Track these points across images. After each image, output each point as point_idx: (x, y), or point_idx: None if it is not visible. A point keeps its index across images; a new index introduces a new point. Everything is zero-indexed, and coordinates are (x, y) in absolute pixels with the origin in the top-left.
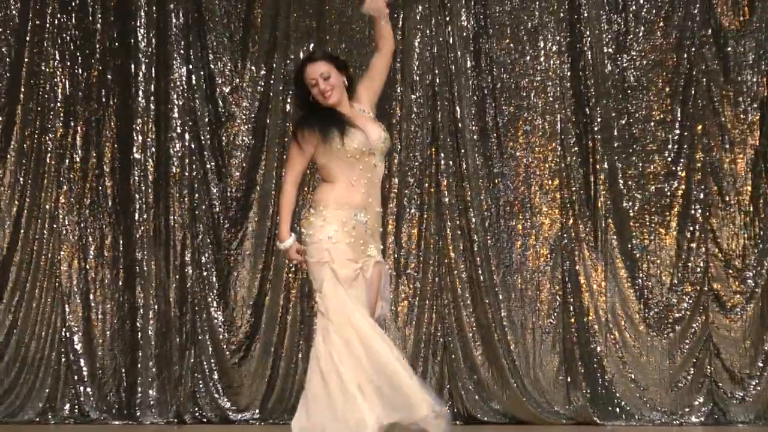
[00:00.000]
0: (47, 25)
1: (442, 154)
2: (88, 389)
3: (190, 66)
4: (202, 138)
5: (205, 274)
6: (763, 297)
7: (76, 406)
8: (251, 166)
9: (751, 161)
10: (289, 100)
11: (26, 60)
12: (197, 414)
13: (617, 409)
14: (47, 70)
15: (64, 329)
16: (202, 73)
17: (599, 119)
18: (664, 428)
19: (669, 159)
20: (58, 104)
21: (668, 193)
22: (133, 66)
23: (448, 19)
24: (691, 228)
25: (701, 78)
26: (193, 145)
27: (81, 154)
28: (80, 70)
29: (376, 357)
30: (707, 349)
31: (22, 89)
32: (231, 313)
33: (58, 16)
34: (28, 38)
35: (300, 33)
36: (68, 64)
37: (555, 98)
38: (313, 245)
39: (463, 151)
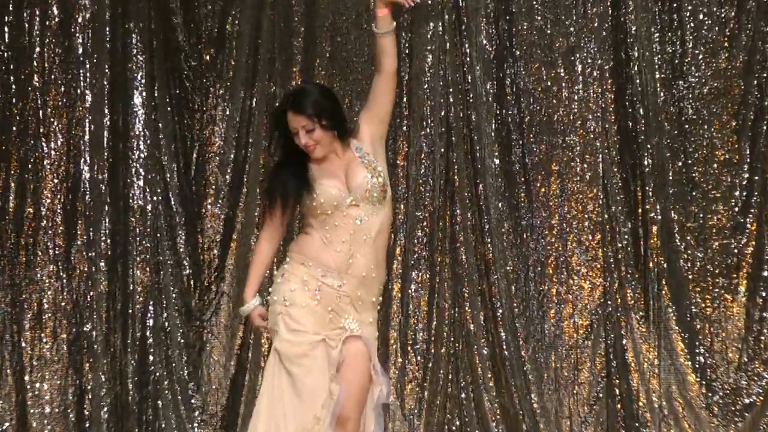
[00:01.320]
0: None
1: (458, 203)
2: None
3: (154, 96)
4: (169, 182)
5: (171, 351)
6: None
7: None
8: (227, 216)
9: None
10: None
11: None
12: None
13: None
14: None
15: None
16: (168, 104)
17: (650, 161)
18: None
19: (736, 209)
20: None
21: (735, 251)
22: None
23: (465, 38)
24: (764, 293)
25: None
26: (157, 192)
27: (13, 204)
28: (14, 100)
29: None
30: None
31: None
32: (203, 399)
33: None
34: None
35: (286, 56)
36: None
37: (596, 135)
38: (270, 307)
39: (483, 198)
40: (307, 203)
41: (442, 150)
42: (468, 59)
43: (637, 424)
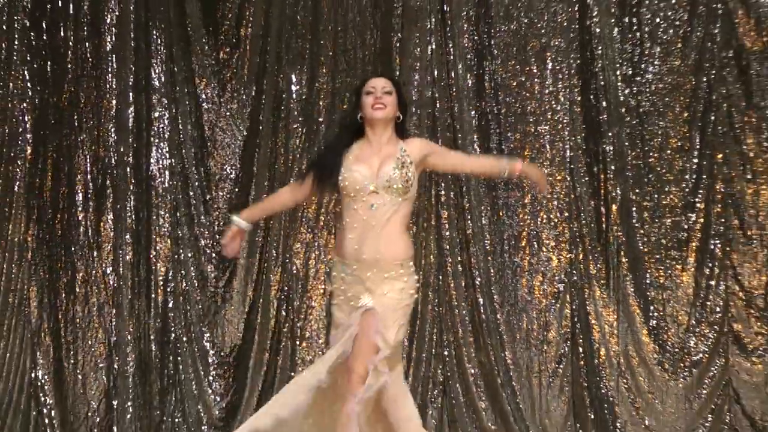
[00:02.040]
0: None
1: (442, 185)
2: None
3: (174, 90)
4: (187, 168)
5: (189, 313)
6: None
7: None
8: (239, 198)
9: None
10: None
11: None
12: None
13: None
14: (16, 92)
15: (33, 371)
16: (186, 99)
17: (612, 147)
18: None
19: (687, 190)
20: (27, 131)
21: (685, 227)
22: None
23: (449, 39)
24: (710, 264)
25: (722, 103)
26: (176, 176)
27: (50, 184)
28: (51, 93)
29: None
30: (726, 394)
31: None
32: (217, 355)
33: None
34: None
35: (292, 55)
36: (38, 88)
37: (564, 124)
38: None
39: (464, 180)
40: (339, 186)
41: (427, 136)
42: (451, 57)
43: (597, 378)
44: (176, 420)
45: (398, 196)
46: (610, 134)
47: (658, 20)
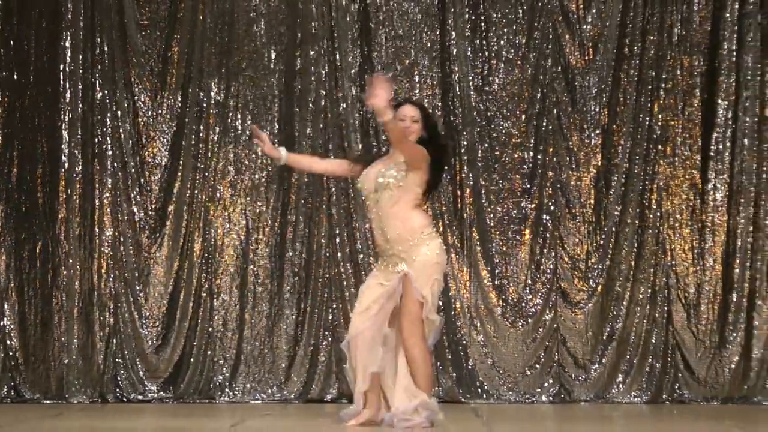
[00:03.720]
0: None
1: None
2: (24, 374)
3: (116, 95)
4: (126, 157)
5: (126, 274)
6: (602, 294)
7: (13, 389)
8: (168, 182)
9: (593, 179)
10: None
11: None
12: (119, 394)
13: (479, 390)
14: None
15: (2, 321)
16: (126, 101)
17: (466, 143)
18: (519, 405)
19: (525, 177)
20: None
21: (524, 207)
22: (64, 92)
23: (338, 57)
24: (543, 236)
25: (552, 108)
26: (117, 163)
27: (16, 171)
28: (15, 96)
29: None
30: (555, 338)
31: None
32: (149, 308)
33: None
34: None
35: (211, 68)
36: (7, 93)
37: None
38: None
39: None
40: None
41: (321, 141)
42: (338, 72)
43: (453, 327)
44: (117, 361)
45: (390, 190)
46: (465, 132)
47: (502, 42)
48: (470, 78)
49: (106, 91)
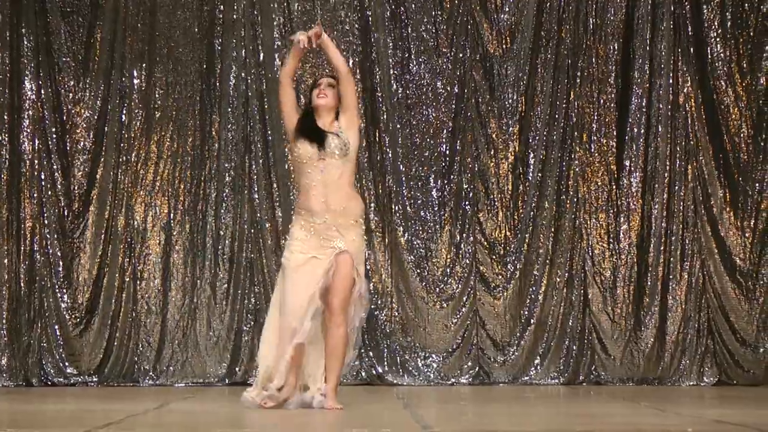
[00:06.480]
0: None
1: (260, 163)
2: None
3: (40, 81)
4: (50, 143)
5: (51, 259)
6: (520, 279)
7: None
8: (92, 167)
9: (511, 166)
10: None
11: None
12: (43, 378)
13: (400, 371)
14: None
15: None
16: (50, 88)
17: (387, 130)
18: (440, 387)
19: (445, 164)
20: None
21: (444, 192)
22: None
23: (259, 44)
24: (462, 221)
25: (471, 96)
26: (41, 149)
27: None
28: None
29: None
30: (475, 321)
31: None
32: (74, 292)
33: None
34: None
35: (134, 55)
36: None
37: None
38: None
39: (273, 162)
40: (293, 152)
41: (241, 126)
42: (261, 59)
43: (374, 311)
44: (42, 345)
45: (340, 158)
46: (385, 120)
47: (422, 31)
48: (390, 66)
49: (29, 78)
